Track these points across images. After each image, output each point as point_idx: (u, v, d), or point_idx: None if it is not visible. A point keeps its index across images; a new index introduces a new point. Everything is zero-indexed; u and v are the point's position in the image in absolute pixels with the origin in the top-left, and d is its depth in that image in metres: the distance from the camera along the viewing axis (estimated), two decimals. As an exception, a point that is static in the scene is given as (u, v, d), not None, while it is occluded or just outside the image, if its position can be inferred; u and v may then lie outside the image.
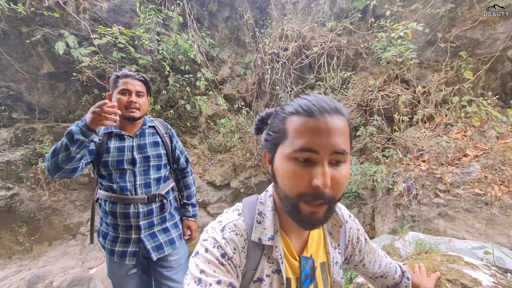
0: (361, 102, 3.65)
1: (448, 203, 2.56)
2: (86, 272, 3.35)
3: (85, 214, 4.11)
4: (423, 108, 3.34)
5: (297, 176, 0.50)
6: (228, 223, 0.62)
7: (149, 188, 1.40)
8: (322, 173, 0.48)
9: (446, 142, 2.62)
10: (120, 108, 1.33)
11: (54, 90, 3.70)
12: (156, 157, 1.45)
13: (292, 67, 4.17)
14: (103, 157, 1.34)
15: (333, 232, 0.73)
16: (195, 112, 4.71)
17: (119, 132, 1.39)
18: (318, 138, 0.48)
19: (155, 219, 1.41)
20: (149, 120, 1.52)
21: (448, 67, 3.36)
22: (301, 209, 0.52)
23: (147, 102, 1.44)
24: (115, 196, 1.33)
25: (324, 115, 0.49)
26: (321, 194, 0.49)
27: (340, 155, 0.49)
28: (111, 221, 1.37)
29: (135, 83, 1.35)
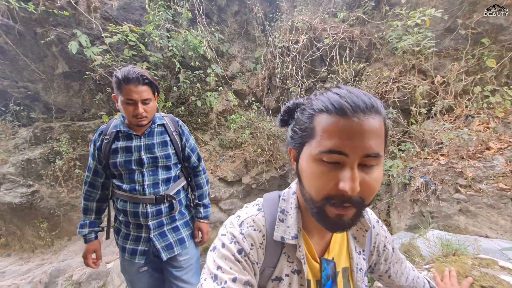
0: (375, 94, 3.52)
1: (470, 198, 2.45)
2: (103, 267, 3.45)
3: (102, 210, 4.22)
4: (442, 100, 3.19)
5: (324, 178, 0.47)
6: (246, 218, 0.61)
7: (158, 188, 1.37)
8: (351, 178, 0.44)
9: (468, 135, 2.49)
10: (127, 116, 1.30)
11: (69, 90, 3.78)
12: (164, 157, 1.40)
13: (303, 60, 4.08)
14: (111, 158, 1.33)
15: (358, 236, 0.68)
16: (206, 109, 4.71)
17: (127, 131, 1.36)
18: (350, 140, 0.44)
19: (164, 219, 1.40)
20: (159, 117, 1.47)
21: (469, 56, 3.18)
22: (327, 212, 0.49)
23: (155, 104, 1.37)
24: (125, 195, 1.34)
25: (358, 114, 0.44)
26: (349, 198, 0.46)
27: (373, 158, 0.45)
28: (123, 218, 1.39)
29: (139, 90, 1.25)
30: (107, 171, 1.40)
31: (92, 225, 1.43)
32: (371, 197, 0.48)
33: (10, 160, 3.81)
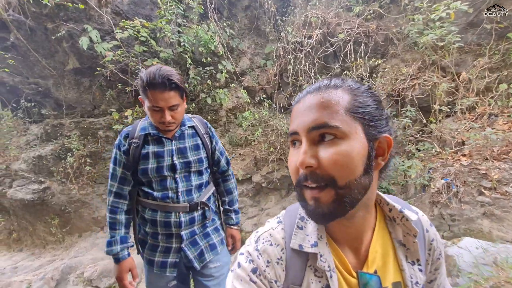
0: (392, 91, 3.41)
1: (495, 202, 2.34)
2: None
3: (112, 207, 4.21)
4: (462, 97, 3.06)
5: (291, 162, 0.50)
6: (263, 232, 0.57)
7: (191, 195, 1.28)
8: (300, 152, 0.46)
9: (496, 135, 2.37)
10: (154, 122, 1.21)
11: (80, 86, 3.75)
12: (197, 162, 1.31)
13: (316, 56, 3.97)
14: (141, 164, 1.21)
15: (408, 243, 0.56)
16: (215, 105, 4.64)
17: (157, 134, 1.25)
18: (297, 118, 0.48)
19: (196, 227, 1.31)
20: (188, 119, 1.36)
21: (493, 51, 3.04)
22: (305, 196, 0.48)
23: (184, 108, 1.25)
24: (155, 203, 1.23)
25: (305, 95, 0.49)
26: (310, 175, 0.45)
27: (321, 129, 0.45)
28: (150, 229, 1.27)
29: (165, 97, 1.12)
30: (134, 178, 1.28)
31: (123, 241, 1.25)
32: (342, 174, 0.44)
33: (21, 157, 3.82)
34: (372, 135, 0.47)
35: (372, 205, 0.55)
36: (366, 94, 0.49)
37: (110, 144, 3.94)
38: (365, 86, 0.51)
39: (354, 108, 0.46)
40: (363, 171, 0.46)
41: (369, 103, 0.48)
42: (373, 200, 0.55)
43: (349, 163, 0.44)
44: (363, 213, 0.52)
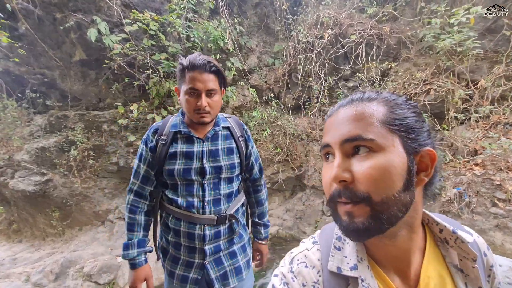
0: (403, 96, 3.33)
1: (509, 214, 2.28)
2: (114, 260, 3.40)
3: (113, 201, 4.17)
4: (476, 105, 2.99)
5: (324, 176, 0.48)
6: (298, 253, 0.54)
7: (219, 206, 1.15)
8: (334, 166, 0.44)
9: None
10: (188, 111, 1.10)
11: (86, 78, 3.70)
12: (229, 167, 1.17)
13: (327, 57, 3.90)
14: (167, 163, 1.11)
15: (466, 269, 0.50)
16: (222, 103, 4.59)
17: (188, 132, 1.14)
18: (330, 131, 0.47)
19: (222, 242, 1.18)
20: (222, 119, 1.25)
21: (510, 59, 2.96)
22: (339, 212, 0.45)
23: (220, 100, 1.15)
24: (179, 212, 1.13)
25: (339, 110, 0.48)
26: (344, 191, 0.43)
27: (355, 142, 0.43)
28: (172, 239, 1.18)
29: (205, 79, 1.05)
30: (159, 179, 1.19)
31: (141, 244, 1.16)
32: (378, 189, 0.41)
33: (25, 148, 3.78)
34: (412, 149, 0.44)
35: (418, 224, 0.50)
36: (404, 105, 0.46)
37: (114, 138, 3.89)
38: (402, 98, 0.48)
39: (390, 120, 0.44)
40: (403, 187, 0.42)
41: (408, 115, 0.45)
42: (418, 219, 0.49)
43: (385, 178, 0.41)
44: (406, 233, 0.47)
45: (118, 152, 3.88)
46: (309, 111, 4.06)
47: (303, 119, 4.01)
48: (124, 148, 3.91)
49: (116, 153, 3.89)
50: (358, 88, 3.81)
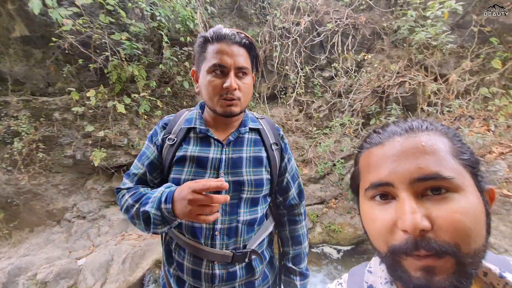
0: (377, 88, 3.37)
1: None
2: (74, 264, 3.07)
3: (70, 199, 3.75)
4: (443, 99, 3.12)
5: (378, 222, 0.38)
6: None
7: (235, 237, 0.84)
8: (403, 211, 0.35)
9: (482, 138, 2.42)
10: (211, 96, 0.79)
11: (30, 58, 3.16)
12: (254, 184, 0.84)
13: (303, 45, 3.78)
14: (173, 171, 0.83)
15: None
16: (192, 91, 4.28)
17: (205, 130, 0.85)
18: (388, 165, 0.38)
19: (238, 285, 0.87)
20: (252, 118, 0.94)
21: (475, 55, 3.11)
22: (406, 267, 0.35)
23: (252, 84, 0.85)
24: (183, 240, 0.84)
25: (392, 137, 0.40)
26: (422, 241, 0.33)
27: (431, 181, 0.35)
28: (174, 272, 0.90)
29: (234, 52, 0.77)
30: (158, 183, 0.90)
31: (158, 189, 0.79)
32: (467, 238, 0.33)
33: (-47, 139, 3.18)
34: (481, 187, 0.38)
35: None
36: (459, 137, 0.41)
37: (69, 128, 3.44)
38: (453, 129, 0.43)
39: (459, 154, 0.38)
40: (487, 234, 0.36)
41: (467, 149, 0.40)
42: None
43: (474, 224, 0.34)
44: None
45: (73, 144, 3.45)
46: (284, 101, 3.96)
47: (279, 109, 3.90)
48: (81, 139, 3.49)
49: (71, 145, 3.46)
50: (334, 78, 3.78)
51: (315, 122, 3.89)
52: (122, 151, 3.70)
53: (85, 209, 3.77)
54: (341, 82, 3.68)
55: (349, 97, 3.63)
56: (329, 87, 3.89)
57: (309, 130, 3.82)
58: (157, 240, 3.42)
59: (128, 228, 3.71)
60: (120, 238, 3.51)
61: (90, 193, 3.90)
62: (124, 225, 3.73)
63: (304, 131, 3.84)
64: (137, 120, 3.79)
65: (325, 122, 3.86)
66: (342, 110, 3.72)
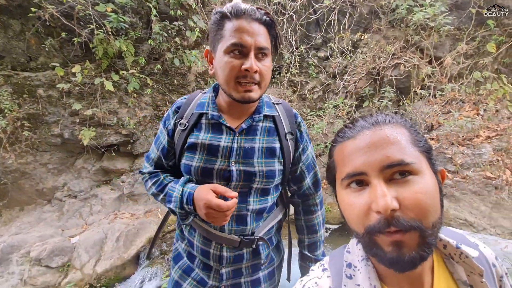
0: (372, 70, 3.33)
1: (456, 184, 2.52)
2: (67, 241, 3.10)
3: (60, 178, 3.70)
4: (436, 82, 3.13)
5: (355, 207, 0.43)
6: (308, 281, 0.52)
7: (243, 225, 0.85)
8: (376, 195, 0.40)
9: (471, 122, 2.47)
10: (228, 80, 0.74)
11: (7, 29, 2.95)
12: (265, 175, 0.83)
13: (299, 22, 3.66)
14: (185, 157, 0.83)
15: (475, 284, 0.49)
16: (183, 68, 4.14)
17: (217, 117, 0.82)
18: (359, 156, 0.43)
19: (244, 267, 0.90)
20: (267, 103, 0.89)
21: (470, 37, 3.08)
22: (380, 244, 0.41)
23: (271, 67, 0.79)
24: (195, 222, 0.87)
25: (362, 131, 0.45)
26: (392, 220, 0.39)
27: (397, 167, 0.41)
28: (186, 247, 0.93)
29: (255, 30, 0.71)
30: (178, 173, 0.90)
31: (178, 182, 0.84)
32: (428, 214, 0.39)
33: None
34: (435, 168, 0.45)
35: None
36: (415, 128, 0.48)
37: (54, 105, 3.31)
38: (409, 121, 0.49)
39: (417, 142, 0.44)
40: (441, 209, 0.42)
41: (422, 137, 0.46)
42: None
43: (432, 200, 0.40)
44: None
45: (61, 122, 3.35)
46: (278, 81, 3.89)
47: (272, 90, 3.84)
48: (68, 117, 3.38)
49: (58, 123, 3.35)
50: (329, 58, 3.71)
51: (309, 103, 3.86)
52: (112, 130, 3.62)
53: (76, 188, 3.74)
54: (336, 63, 3.62)
55: (343, 78, 3.59)
56: (324, 67, 3.82)
57: (303, 111, 3.81)
58: (150, 219, 3.46)
59: (121, 207, 3.73)
60: (113, 216, 3.53)
61: (81, 172, 3.85)
62: (116, 204, 3.75)
63: (298, 112, 3.83)
64: (126, 98, 3.67)
65: (318, 103, 3.84)
66: (336, 92, 3.70)
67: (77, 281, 2.76)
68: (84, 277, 2.83)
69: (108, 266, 2.91)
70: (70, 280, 2.77)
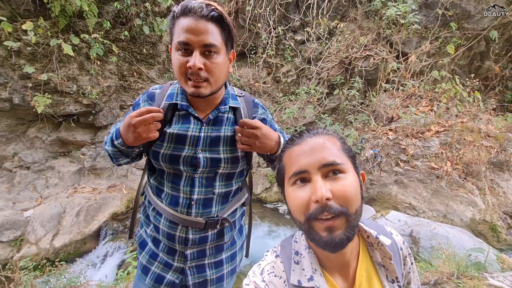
0: (345, 59, 3.44)
1: (406, 172, 2.81)
2: (19, 215, 2.91)
3: (9, 147, 3.38)
4: (400, 77, 3.34)
5: (298, 199, 0.54)
6: (266, 265, 0.62)
7: (209, 208, 0.91)
8: (316, 187, 0.51)
9: (424, 118, 2.71)
10: (178, 76, 0.78)
11: None
12: (229, 162, 0.90)
13: (278, 1, 3.57)
14: (155, 144, 0.86)
15: (386, 264, 0.64)
16: (153, 37, 3.87)
17: (186, 107, 0.86)
18: (303, 158, 0.55)
19: (208, 248, 0.96)
20: (233, 95, 0.93)
21: (435, 37, 3.29)
22: (316, 229, 0.52)
23: (226, 64, 0.81)
24: (161, 206, 0.91)
25: (305, 139, 0.57)
26: (326, 207, 0.50)
27: (331, 166, 0.52)
28: (151, 232, 0.97)
29: (200, 28, 0.73)
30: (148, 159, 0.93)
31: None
32: (351, 203, 0.52)
33: None
34: (357, 171, 0.58)
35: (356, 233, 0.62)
36: (344, 140, 0.60)
37: (1, 65, 2.93)
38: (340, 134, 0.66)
39: (345, 149, 0.57)
40: (361, 199, 0.55)
41: (349, 147, 0.60)
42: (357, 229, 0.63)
43: (355, 193, 0.52)
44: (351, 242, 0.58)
45: (9, 85, 3.00)
46: (254, 61, 3.83)
47: (247, 70, 3.78)
48: (18, 81, 3.03)
49: (6, 86, 3.00)
50: (306, 43, 3.72)
51: (282, 87, 3.90)
52: (71, 99, 3.33)
53: (29, 159, 3.45)
54: (312, 48, 3.66)
55: (317, 64, 3.66)
56: (300, 51, 3.84)
57: (276, 95, 3.84)
58: (113, 194, 3.36)
59: (81, 181, 3.56)
60: (72, 190, 3.36)
61: (34, 142, 3.53)
62: (76, 178, 3.56)
63: (271, 95, 3.85)
64: (88, 65, 3.37)
65: (292, 87, 3.89)
66: (309, 77, 3.76)
67: (32, 255, 2.64)
68: (40, 251, 2.71)
69: (67, 241, 2.81)
70: (24, 254, 2.64)
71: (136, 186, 3.56)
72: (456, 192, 2.61)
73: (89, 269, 2.57)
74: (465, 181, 2.63)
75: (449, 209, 2.58)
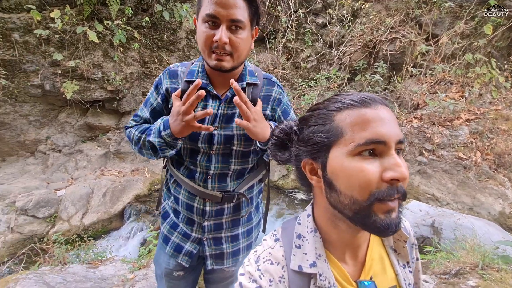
0: (369, 42, 3.27)
1: (430, 162, 2.69)
2: (53, 194, 3.14)
3: (43, 131, 3.61)
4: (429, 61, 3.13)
5: (367, 173, 0.44)
6: (263, 251, 0.57)
7: (225, 182, 0.95)
8: (397, 164, 0.43)
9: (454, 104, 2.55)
10: (202, 49, 0.79)
11: (-28, -41, 2.60)
12: (242, 139, 0.91)
13: (299, -18, 3.44)
14: None
15: (398, 248, 0.61)
16: (174, 23, 3.89)
17: (205, 85, 0.86)
18: (383, 127, 0.45)
19: (225, 221, 1.00)
20: (250, 71, 0.93)
21: (470, 16, 3.03)
22: (375, 211, 0.45)
23: (249, 39, 0.81)
24: (181, 178, 0.95)
25: (378, 104, 0.47)
26: (397, 188, 0.43)
27: (402, 144, 0.47)
28: (172, 204, 1.03)
29: (230, 2, 0.74)
30: None
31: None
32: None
33: None
34: None
35: None
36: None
37: (33, 53, 3.09)
38: None
39: None
40: None
41: None
42: None
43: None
44: None
45: (40, 72, 3.17)
46: (273, 46, 3.75)
47: (266, 55, 3.72)
48: (48, 68, 3.19)
49: (38, 73, 3.17)
50: (327, 26, 3.57)
51: (302, 72, 3.80)
52: (96, 85, 3.47)
53: (60, 143, 3.68)
54: (334, 32, 3.51)
55: (339, 49, 3.51)
56: (321, 35, 3.70)
57: (295, 81, 3.76)
58: (136, 177, 3.52)
59: (107, 164, 3.75)
60: (99, 173, 3.57)
61: (64, 126, 3.75)
62: (102, 161, 3.76)
63: (290, 81, 3.77)
64: (111, 52, 3.47)
65: (311, 73, 3.79)
66: (330, 63, 3.64)
67: (65, 231, 2.87)
68: (72, 228, 2.94)
69: (95, 219, 3.02)
70: (58, 230, 2.87)
71: (158, 170, 3.71)
72: (485, 184, 2.46)
73: (114, 246, 2.75)
74: (496, 172, 2.47)
75: (476, 201, 2.45)
